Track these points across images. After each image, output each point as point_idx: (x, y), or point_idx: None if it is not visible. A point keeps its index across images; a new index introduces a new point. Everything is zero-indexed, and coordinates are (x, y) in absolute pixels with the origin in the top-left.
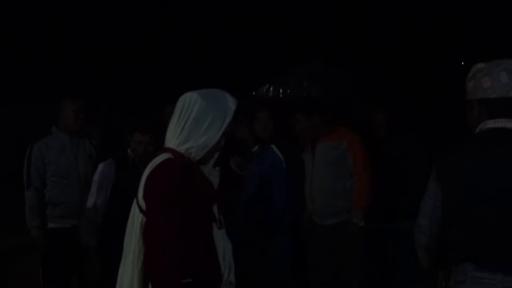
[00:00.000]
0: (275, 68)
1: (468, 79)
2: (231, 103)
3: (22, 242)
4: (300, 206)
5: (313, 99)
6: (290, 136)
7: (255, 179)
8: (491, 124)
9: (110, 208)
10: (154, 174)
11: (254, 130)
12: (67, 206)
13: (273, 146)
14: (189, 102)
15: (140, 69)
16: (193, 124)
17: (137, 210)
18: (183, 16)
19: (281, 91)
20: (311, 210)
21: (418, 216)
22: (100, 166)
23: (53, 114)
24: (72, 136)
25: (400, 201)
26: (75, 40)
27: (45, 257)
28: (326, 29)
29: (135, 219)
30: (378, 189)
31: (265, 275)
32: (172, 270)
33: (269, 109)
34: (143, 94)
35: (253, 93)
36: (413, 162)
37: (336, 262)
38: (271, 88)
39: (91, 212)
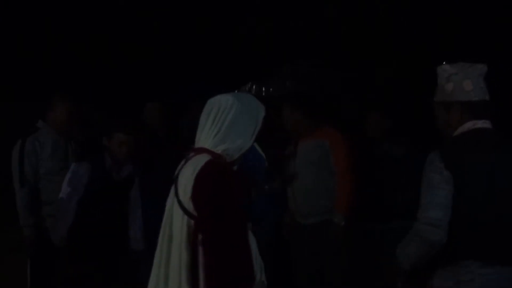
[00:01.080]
0: (259, 67)
1: (444, 81)
2: (261, 109)
3: (8, 242)
4: (282, 205)
5: (301, 94)
6: (273, 134)
7: None
8: (481, 124)
9: (80, 212)
10: (205, 175)
11: None
12: None
13: (255, 144)
14: (226, 105)
15: (122, 67)
16: (230, 126)
17: (180, 212)
18: (165, 14)
19: (263, 89)
20: (293, 209)
21: (424, 209)
22: (75, 167)
23: (33, 113)
24: (62, 135)
25: (396, 201)
26: (54, 41)
27: (34, 257)
28: (313, 29)
29: (177, 221)
30: (371, 189)
31: None
32: (231, 272)
33: None
34: (125, 92)
35: (236, 91)
36: (407, 163)
37: (318, 261)
38: (254, 87)
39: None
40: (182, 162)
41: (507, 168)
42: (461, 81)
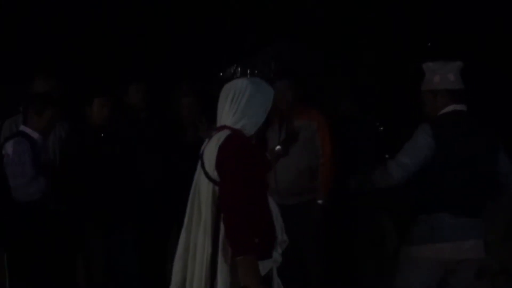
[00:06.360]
0: (243, 48)
1: (431, 74)
2: (270, 90)
3: None
4: None
5: (294, 74)
6: None
7: None
8: (460, 107)
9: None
10: (227, 146)
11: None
12: None
13: None
14: (241, 87)
15: (103, 47)
16: (246, 105)
17: (205, 181)
18: None
19: (248, 71)
20: (273, 190)
21: (400, 154)
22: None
23: (22, 96)
24: None
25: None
26: (41, 22)
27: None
28: (297, 8)
29: (204, 189)
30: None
31: None
32: (251, 232)
33: None
34: (105, 74)
35: (221, 74)
36: (361, 142)
37: (298, 242)
38: (239, 69)
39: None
40: (206, 140)
41: (476, 142)
42: (446, 74)
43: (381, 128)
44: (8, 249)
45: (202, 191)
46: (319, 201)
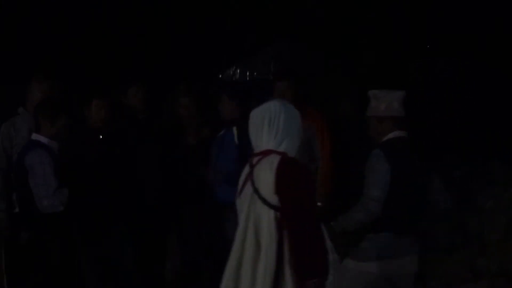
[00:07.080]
0: (243, 48)
1: (377, 101)
2: (298, 112)
3: None
4: None
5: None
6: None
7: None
8: (402, 134)
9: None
10: (284, 170)
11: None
12: None
13: (234, 129)
14: (275, 109)
15: (103, 47)
16: (285, 126)
17: (264, 208)
18: None
19: (248, 73)
20: None
21: (369, 189)
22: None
23: (21, 97)
24: None
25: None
26: (41, 22)
27: (9, 243)
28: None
29: (264, 216)
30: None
31: (222, 257)
32: (320, 254)
33: (230, 91)
34: (105, 75)
35: (220, 76)
36: (361, 142)
37: None
38: (238, 70)
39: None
40: (247, 168)
41: (416, 165)
42: (391, 102)
43: None
44: (7, 249)
45: (262, 218)
46: (318, 204)
